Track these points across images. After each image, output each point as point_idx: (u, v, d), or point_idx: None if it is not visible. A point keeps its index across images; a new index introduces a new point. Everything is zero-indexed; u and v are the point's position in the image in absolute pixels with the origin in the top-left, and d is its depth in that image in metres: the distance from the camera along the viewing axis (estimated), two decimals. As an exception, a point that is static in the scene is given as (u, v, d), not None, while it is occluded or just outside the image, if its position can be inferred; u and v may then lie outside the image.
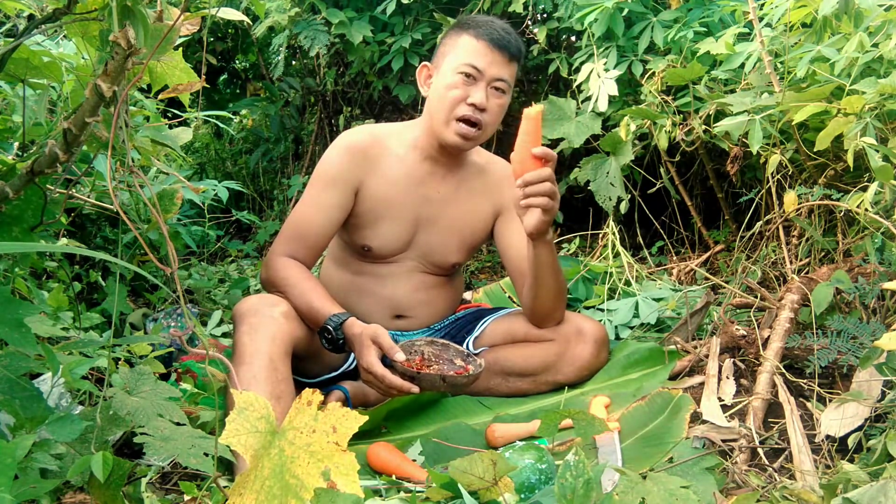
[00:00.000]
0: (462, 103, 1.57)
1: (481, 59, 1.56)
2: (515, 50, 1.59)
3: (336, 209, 1.62)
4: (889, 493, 0.93)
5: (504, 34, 1.58)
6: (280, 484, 0.77)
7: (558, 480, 0.95)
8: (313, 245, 1.62)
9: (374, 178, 1.65)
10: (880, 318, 1.51)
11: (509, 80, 1.60)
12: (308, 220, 1.62)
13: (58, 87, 1.44)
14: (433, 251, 1.72)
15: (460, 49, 1.58)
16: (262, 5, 1.74)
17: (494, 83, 1.58)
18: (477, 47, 1.56)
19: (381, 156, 1.66)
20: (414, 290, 1.72)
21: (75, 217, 1.96)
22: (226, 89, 4.24)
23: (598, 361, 1.66)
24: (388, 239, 1.68)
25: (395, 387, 1.38)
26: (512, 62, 1.59)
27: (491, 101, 1.58)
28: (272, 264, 1.59)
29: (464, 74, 1.56)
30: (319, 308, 1.49)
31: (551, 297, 1.62)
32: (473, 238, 1.75)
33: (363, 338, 1.41)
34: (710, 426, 1.36)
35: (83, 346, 1.32)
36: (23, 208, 1.08)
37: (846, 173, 1.83)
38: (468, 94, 1.56)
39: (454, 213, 1.71)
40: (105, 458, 0.94)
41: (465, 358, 1.53)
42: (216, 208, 2.88)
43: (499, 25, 1.60)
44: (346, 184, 1.63)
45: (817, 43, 1.71)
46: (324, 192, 1.62)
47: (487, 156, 1.80)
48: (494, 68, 1.57)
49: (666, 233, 2.74)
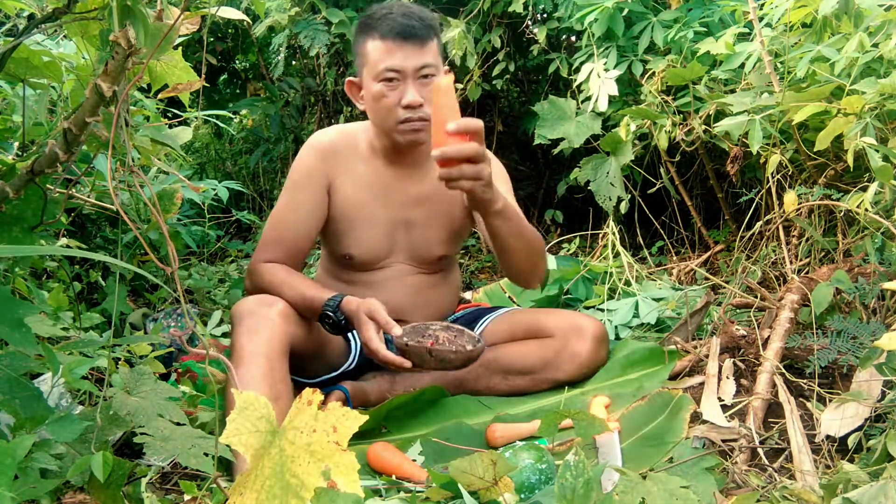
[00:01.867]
0: (397, 108, 1.52)
1: (394, 58, 1.49)
2: (424, 30, 1.51)
3: (311, 210, 1.62)
4: (889, 493, 0.93)
5: (406, 21, 1.49)
6: (280, 483, 0.77)
7: (558, 480, 0.95)
8: (293, 248, 1.61)
9: (343, 178, 1.64)
10: (880, 318, 1.51)
11: (433, 62, 1.52)
12: (285, 224, 1.61)
13: (58, 87, 1.44)
14: (418, 250, 1.70)
15: (371, 56, 1.52)
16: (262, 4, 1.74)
17: (419, 74, 1.51)
18: (385, 48, 1.50)
19: (350, 155, 1.65)
20: (409, 292, 1.71)
21: (75, 217, 1.96)
22: (226, 89, 4.24)
23: (597, 358, 1.66)
24: (368, 245, 1.67)
25: (388, 362, 1.39)
26: (427, 43, 1.51)
27: (425, 92, 1.51)
28: (255, 272, 1.59)
29: (385, 80, 1.51)
30: (314, 296, 1.50)
31: (524, 259, 1.55)
32: (455, 228, 1.73)
33: (360, 313, 1.43)
34: (710, 426, 1.36)
35: (83, 346, 1.32)
36: (23, 208, 1.08)
37: (846, 173, 1.83)
38: (399, 97, 1.51)
39: (430, 209, 1.69)
40: (105, 458, 0.94)
41: (476, 343, 1.51)
42: (216, 208, 2.88)
43: (399, 12, 1.51)
44: (318, 183, 1.62)
45: (817, 43, 1.71)
46: (297, 193, 1.62)
47: None
48: (411, 60, 1.49)
49: (666, 233, 2.74)
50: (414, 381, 1.66)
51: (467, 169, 1.28)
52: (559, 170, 3.36)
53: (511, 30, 2.90)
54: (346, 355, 1.68)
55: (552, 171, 3.45)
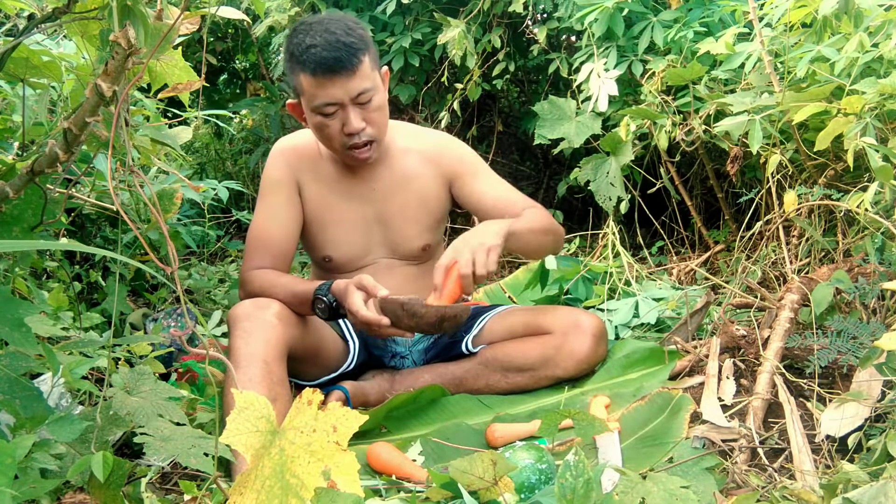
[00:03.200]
0: (340, 134, 1.53)
1: (327, 92, 1.48)
2: (351, 55, 1.46)
3: (288, 212, 1.65)
4: (889, 493, 0.93)
5: (331, 54, 1.44)
6: (280, 483, 0.77)
7: (558, 480, 0.95)
8: (278, 253, 1.64)
9: (310, 179, 1.67)
10: (880, 318, 1.51)
11: (368, 84, 1.50)
12: (265, 230, 1.65)
13: (58, 87, 1.44)
14: (397, 245, 1.73)
15: (305, 89, 1.51)
16: (262, 4, 1.73)
17: (356, 100, 1.50)
18: (316, 83, 1.48)
19: (313, 157, 1.69)
20: (400, 284, 1.72)
21: (75, 217, 1.96)
22: (226, 89, 4.24)
23: (596, 355, 1.66)
24: (344, 245, 1.70)
25: (367, 321, 1.42)
26: (357, 69, 1.47)
27: (365, 114, 1.53)
28: (246, 280, 1.62)
29: (323, 113, 1.51)
30: (304, 290, 1.53)
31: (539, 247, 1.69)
32: (432, 217, 1.74)
33: (349, 286, 1.46)
34: (710, 426, 1.36)
35: (83, 346, 1.32)
36: (23, 208, 1.08)
37: (846, 173, 1.83)
38: (341, 125, 1.52)
39: (399, 203, 1.70)
40: (105, 458, 0.94)
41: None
42: (216, 208, 2.88)
43: (322, 41, 1.45)
44: (288, 186, 1.66)
45: (817, 43, 1.71)
46: (271, 198, 1.66)
47: (410, 134, 1.75)
48: (345, 90, 1.48)
49: (666, 233, 2.74)
50: (414, 381, 1.66)
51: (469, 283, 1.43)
52: (559, 170, 3.36)
53: (511, 30, 2.89)
54: (345, 356, 1.68)
55: (552, 171, 3.46)
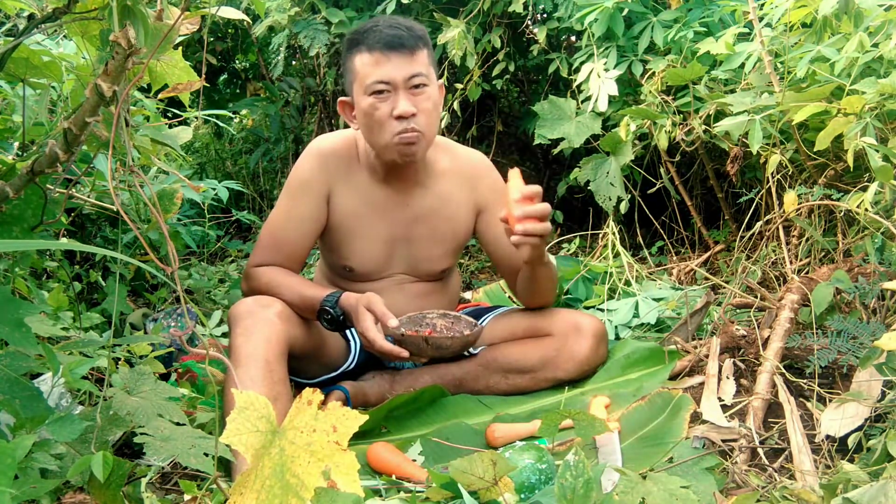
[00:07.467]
0: (389, 119, 1.48)
1: (382, 69, 1.46)
2: (413, 40, 1.47)
3: (309, 218, 1.60)
4: (889, 493, 0.93)
5: (393, 31, 1.47)
6: (280, 483, 0.77)
7: (558, 480, 0.95)
8: (290, 255, 1.60)
9: (343, 187, 1.61)
10: (880, 318, 1.51)
11: (423, 71, 1.48)
12: (282, 230, 1.60)
13: (58, 87, 1.44)
14: (418, 264, 1.69)
15: (360, 70, 1.49)
16: (262, 4, 1.73)
17: (410, 84, 1.47)
18: (373, 60, 1.46)
19: (351, 164, 1.63)
20: (410, 298, 1.70)
21: (75, 217, 1.96)
22: (226, 89, 4.23)
23: (596, 356, 1.66)
24: (367, 258, 1.65)
25: (385, 352, 1.42)
26: (416, 52, 1.48)
27: (417, 101, 1.48)
28: (252, 275, 1.59)
29: (375, 93, 1.47)
30: (312, 295, 1.51)
31: (548, 293, 1.69)
32: (456, 242, 1.72)
33: (358, 307, 1.45)
34: (710, 426, 1.36)
35: (83, 346, 1.32)
36: (23, 208, 1.08)
37: (846, 173, 1.83)
38: (391, 108, 1.47)
39: (430, 225, 1.67)
40: (105, 458, 0.94)
41: (473, 328, 1.52)
42: (216, 208, 2.88)
43: (385, 24, 1.48)
44: (318, 191, 1.60)
45: (817, 43, 1.71)
46: (296, 200, 1.60)
47: (453, 152, 1.71)
48: (400, 71, 1.46)
49: (666, 233, 2.74)
50: (413, 381, 1.66)
51: (539, 227, 1.38)
52: (559, 170, 3.36)
53: (511, 30, 2.89)
54: (346, 355, 1.68)
55: (552, 171, 3.45)
